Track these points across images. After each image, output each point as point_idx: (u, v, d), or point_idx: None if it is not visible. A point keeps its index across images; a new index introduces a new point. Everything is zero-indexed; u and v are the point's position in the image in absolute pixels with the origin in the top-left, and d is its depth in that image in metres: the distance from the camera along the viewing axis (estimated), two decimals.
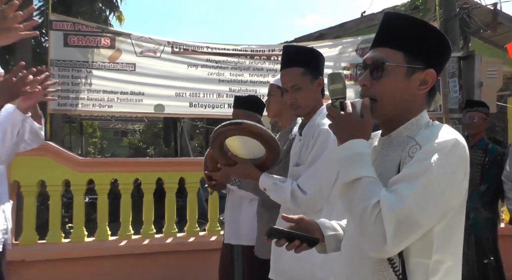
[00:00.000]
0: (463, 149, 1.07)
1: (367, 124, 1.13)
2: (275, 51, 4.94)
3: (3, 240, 2.36)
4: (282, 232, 1.24)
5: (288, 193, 1.83)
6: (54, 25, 4.44)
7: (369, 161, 1.10)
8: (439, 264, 1.07)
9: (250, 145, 1.97)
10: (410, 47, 1.15)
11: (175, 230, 4.06)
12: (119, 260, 3.83)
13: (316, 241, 1.28)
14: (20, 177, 3.71)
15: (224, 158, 2.00)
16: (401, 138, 1.17)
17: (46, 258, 3.67)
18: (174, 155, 10.88)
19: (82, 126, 18.16)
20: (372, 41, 1.23)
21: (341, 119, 1.13)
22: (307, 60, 1.98)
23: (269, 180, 1.91)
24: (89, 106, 4.41)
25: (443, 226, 1.07)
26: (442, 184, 1.02)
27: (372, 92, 1.16)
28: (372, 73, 1.17)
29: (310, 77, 1.94)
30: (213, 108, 4.52)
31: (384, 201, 1.01)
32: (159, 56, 4.56)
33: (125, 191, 4.01)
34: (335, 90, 1.17)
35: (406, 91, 1.15)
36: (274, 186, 1.88)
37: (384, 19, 1.21)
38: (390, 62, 1.15)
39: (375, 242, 1.01)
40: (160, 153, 19.80)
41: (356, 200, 1.06)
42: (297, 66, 1.96)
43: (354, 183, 1.07)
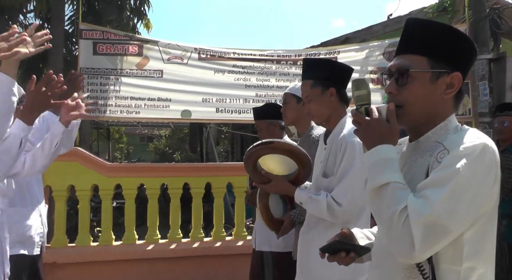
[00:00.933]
0: (493, 154, 1.06)
1: (393, 129, 1.13)
2: (301, 56, 4.92)
3: (40, 243, 2.44)
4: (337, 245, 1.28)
5: (325, 206, 1.88)
6: (83, 34, 4.56)
7: (397, 166, 1.10)
8: (471, 271, 1.06)
9: (282, 162, 2.07)
10: (433, 51, 1.15)
11: (202, 235, 4.09)
12: (146, 264, 3.88)
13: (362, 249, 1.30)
14: (51, 182, 3.81)
15: (259, 177, 2.08)
16: (430, 143, 1.16)
17: (76, 261, 3.75)
18: (200, 160, 10.97)
19: (109, 132, 18.55)
20: (396, 48, 1.23)
21: (367, 124, 1.14)
22: (315, 73, 2.04)
23: (305, 194, 1.97)
24: (117, 112, 4.49)
25: (474, 232, 1.06)
26: (471, 189, 1.01)
27: (399, 99, 1.17)
28: (398, 81, 1.17)
29: (321, 88, 2.00)
30: (239, 114, 4.53)
31: (412, 206, 1.01)
32: (186, 62, 4.61)
33: (152, 196, 4.06)
34: (360, 96, 1.18)
35: (432, 96, 1.15)
36: (310, 199, 1.94)
37: (406, 26, 1.21)
38: (414, 68, 1.15)
39: (403, 247, 1.02)
40: (186, 158, 20.01)
41: (384, 205, 1.06)
42: (308, 79, 2.05)
43: (382, 189, 1.07)
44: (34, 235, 2.40)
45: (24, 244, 2.35)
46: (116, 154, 25.03)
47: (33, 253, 2.40)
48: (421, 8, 8.22)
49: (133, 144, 29.87)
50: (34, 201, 2.46)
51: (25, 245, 2.35)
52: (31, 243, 2.38)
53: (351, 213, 1.88)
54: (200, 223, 4.12)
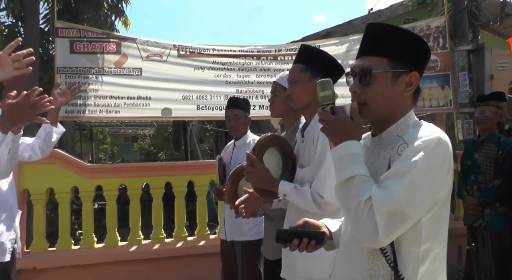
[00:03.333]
0: (446, 146, 1.17)
1: (357, 126, 1.22)
2: (281, 51, 4.89)
3: (11, 250, 2.36)
4: (290, 232, 1.33)
5: (310, 197, 1.84)
6: (60, 33, 4.44)
7: (361, 160, 1.19)
8: (428, 251, 1.17)
9: (274, 161, 2.03)
10: (393, 53, 1.25)
11: (186, 234, 4.04)
12: (129, 265, 3.81)
13: (323, 236, 1.34)
14: (29, 185, 3.72)
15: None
16: (391, 138, 1.26)
17: (57, 266, 3.67)
18: (185, 158, 10.89)
19: (92, 133, 18.29)
20: (358, 51, 1.33)
21: (333, 122, 1.21)
22: (309, 58, 2.02)
23: (289, 185, 1.92)
24: (97, 112, 4.40)
25: (431, 217, 1.16)
26: (428, 179, 1.12)
27: (362, 97, 1.26)
28: (361, 80, 1.26)
29: (309, 75, 1.97)
30: (220, 110, 4.47)
31: (375, 197, 1.11)
32: (165, 59, 4.54)
33: (133, 196, 4.00)
34: (326, 96, 1.25)
35: (393, 94, 1.25)
36: (295, 190, 1.89)
37: (367, 30, 1.32)
38: (376, 69, 1.24)
39: (368, 234, 1.11)
40: (171, 157, 19.89)
41: (351, 196, 1.15)
42: (299, 63, 2.03)
43: (348, 181, 1.16)
44: (5, 241, 2.33)
45: None
46: (100, 155, 24.73)
47: (4, 260, 2.32)
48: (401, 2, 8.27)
49: (118, 145, 29.53)
50: (6, 207, 2.38)
51: None
52: (2, 250, 2.31)
53: (336, 205, 1.82)
54: (183, 222, 4.07)
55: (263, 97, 4.68)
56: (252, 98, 4.58)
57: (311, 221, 1.41)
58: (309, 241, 1.31)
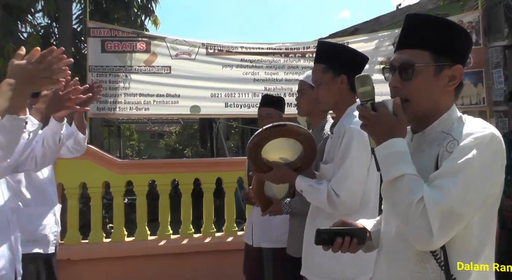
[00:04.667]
0: (500, 142, 1.12)
1: (402, 123, 1.17)
2: (309, 48, 4.88)
3: (55, 242, 2.47)
4: (331, 231, 1.28)
5: (325, 196, 1.82)
6: (92, 32, 4.56)
7: (409, 158, 1.14)
8: (480, 252, 1.13)
9: (287, 149, 1.98)
10: (436, 45, 1.20)
11: (214, 230, 4.09)
12: (158, 259, 3.89)
13: (365, 234, 1.30)
14: (63, 180, 3.83)
15: (260, 165, 2.00)
16: (435, 134, 1.21)
17: (89, 257, 3.77)
18: (211, 155, 10.99)
19: (119, 129, 18.66)
20: (397, 44, 1.28)
21: (376, 119, 1.17)
22: (329, 57, 1.98)
23: (305, 182, 1.91)
24: (127, 110, 4.50)
25: (482, 216, 1.13)
26: (482, 177, 1.08)
27: (404, 93, 1.21)
28: (402, 75, 1.21)
29: (332, 73, 1.93)
30: (248, 108, 4.51)
31: (428, 197, 1.06)
32: (194, 58, 4.60)
33: (163, 192, 4.07)
34: (365, 92, 1.21)
35: (436, 88, 1.21)
36: (310, 188, 1.88)
37: (406, 21, 1.27)
38: (418, 63, 1.19)
39: (421, 236, 1.07)
40: (196, 154, 20.07)
41: (401, 197, 1.10)
42: (320, 63, 1.98)
43: (396, 181, 1.11)
44: (49, 234, 2.43)
45: (39, 243, 2.38)
46: (127, 151, 25.20)
47: (48, 251, 2.43)
48: None
49: (144, 141, 30.02)
50: (49, 201, 2.48)
51: (40, 244, 2.39)
52: (46, 242, 2.42)
53: (351, 205, 1.81)
54: (211, 218, 4.13)
55: (291, 95, 4.67)
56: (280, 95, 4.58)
57: (350, 222, 1.38)
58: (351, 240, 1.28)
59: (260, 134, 1.96)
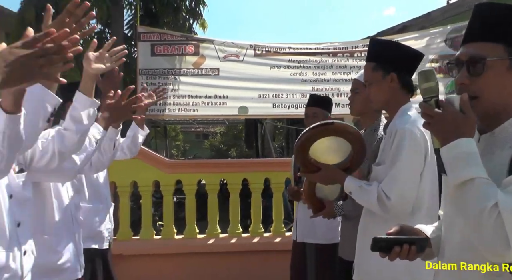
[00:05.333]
0: None
1: (471, 121, 1.08)
2: (358, 48, 4.80)
3: (109, 238, 2.57)
4: (389, 240, 1.20)
5: (375, 198, 1.78)
6: (142, 37, 4.72)
7: (479, 160, 1.04)
8: None
9: (336, 148, 1.95)
10: (510, 37, 1.11)
11: (262, 230, 4.12)
12: (207, 257, 3.96)
13: (425, 242, 1.23)
14: (116, 178, 3.97)
15: (308, 165, 1.98)
16: (507, 135, 1.12)
17: (140, 253, 3.90)
18: (256, 156, 11.04)
19: (166, 130, 19.14)
20: (464, 36, 1.19)
21: (441, 117, 1.08)
22: (378, 55, 1.93)
23: (355, 183, 1.88)
24: (176, 111, 4.63)
25: None
26: None
27: (472, 89, 1.13)
28: (470, 70, 1.13)
29: (382, 72, 1.88)
30: (296, 108, 4.50)
31: (504, 204, 0.97)
32: (242, 59, 4.65)
33: (211, 191, 4.14)
34: (429, 88, 1.13)
35: (509, 85, 1.12)
36: (360, 189, 1.85)
37: (475, 12, 1.17)
38: (490, 57, 1.11)
39: (496, 246, 0.98)
40: (241, 154, 20.24)
41: (471, 202, 1.02)
42: (371, 61, 1.94)
43: (466, 184, 1.03)
44: (104, 231, 2.54)
45: (95, 239, 2.50)
46: (173, 151, 25.80)
47: (103, 247, 2.54)
48: None
49: (189, 141, 30.62)
50: (103, 199, 2.60)
51: (96, 240, 2.50)
52: (101, 238, 2.53)
53: (402, 208, 1.75)
54: (259, 218, 4.15)
55: (339, 95, 4.62)
56: (328, 96, 4.54)
57: (407, 227, 1.30)
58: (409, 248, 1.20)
59: (307, 132, 1.94)
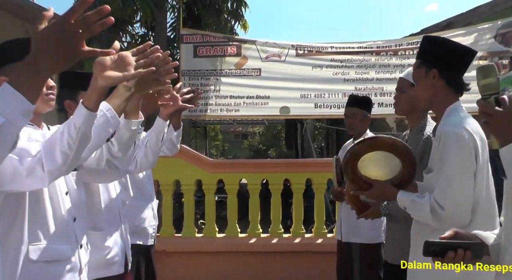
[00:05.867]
0: None
1: None
2: (402, 46, 4.69)
3: (153, 235, 2.65)
4: (442, 244, 1.15)
5: (428, 210, 1.69)
6: (185, 39, 4.83)
7: None
8: None
9: (384, 163, 1.91)
10: None
11: (303, 231, 4.10)
12: (248, 256, 3.99)
13: (481, 248, 1.17)
14: (159, 177, 4.06)
15: (358, 182, 1.95)
16: None
17: (182, 250, 3.98)
18: (295, 156, 11.00)
19: (206, 130, 19.43)
20: None
21: (502, 116, 1.02)
22: (422, 51, 1.89)
23: (407, 198, 1.81)
24: (217, 111, 4.70)
25: None
26: None
27: None
28: None
29: (425, 68, 1.82)
30: (338, 108, 4.45)
31: None
32: (284, 59, 4.66)
33: (253, 191, 4.16)
34: (488, 84, 1.07)
35: None
36: (412, 203, 1.78)
37: None
38: None
39: None
40: (280, 154, 20.25)
41: None
42: (418, 58, 1.90)
43: None
44: (148, 227, 2.62)
45: (140, 235, 2.56)
46: (212, 151, 26.16)
47: (147, 243, 2.61)
48: None
49: (228, 141, 30.95)
50: (148, 197, 2.67)
51: (141, 236, 2.57)
52: (145, 234, 2.60)
53: (459, 217, 1.65)
54: (301, 219, 4.14)
55: (382, 95, 4.53)
56: (371, 95, 4.43)
57: (462, 232, 1.24)
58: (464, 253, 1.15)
59: (352, 149, 1.93)
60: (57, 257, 1.47)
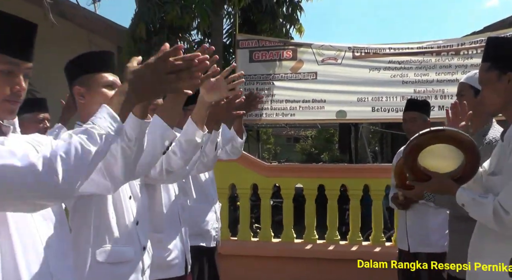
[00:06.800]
0: None
1: None
2: (464, 45, 4.45)
3: (216, 237, 2.69)
4: None
5: (490, 211, 1.60)
6: (240, 44, 4.89)
7: None
8: None
9: (446, 155, 1.83)
10: None
11: (360, 238, 4.01)
12: (303, 262, 3.95)
13: None
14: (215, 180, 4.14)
15: (416, 173, 1.87)
16: None
17: (238, 253, 4.01)
18: (349, 161, 10.78)
19: (258, 133, 19.55)
20: None
21: None
22: (494, 52, 1.77)
23: (468, 195, 1.72)
24: (273, 115, 4.71)
25: None
26: None
27: None
28: None
29: (497, 72, 1.70)
30: (396, 112, 4.30)
31: None
32: (340, 62, 4.59)
33: (309, 196, 4.13)
34: None
35: None
36: (473, 202, 1.69)
37: None
38: None
39: None
40: (332, 158, 19.96)
41: None
42: (485, 61, 1.78)
43: None
44: (211, 230, 2.66)
45: (203, 237, 2.61)
46: (264, 155, 26.27)
47: (210, 245, 2.65)
48: None
49: (280, 145, 30.92)
50: (210, 199, 2.72)
51: (204, 238, 2.62)
52: (208, 237, 2.65)
53: None
54: (358, 226, 4.04)
55: (443, 97, 4.33)
56: (431, 98, 4.27)
57: None
58: None
59: (417, 139, 1.83)
60: (121, 259, 1.54)
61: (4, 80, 1.06)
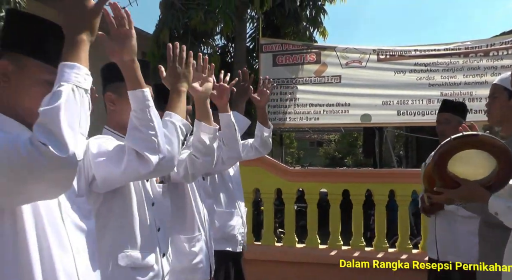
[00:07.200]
0: None
1: None
2: (494, 46, 4.33)
3: (242, 242, 2.68)
4: None
5: None
6: (264, 48, 4.90)
7: None
8: None
9: (476, 164, 1.76)
10: None
11: (386, 245, 3.92)
12: (328, 269, 3.88)
13: None
14: None
15: (445, 180, 1.80)
16: None
17: (261, 258, 3.98)
18: (373, 165, 10.62)
19: (281, 137, 19.49)
20: None
21: None
22: None
23: (502, 203, 1.66)
24: (297, 120, 4.69)
25: None
26: None
27: None
28: None
29: None
30: (423, 115, 4.22)
31: None
32: (365, 65, 4.54)
33: (334, 201, 4.07)
34: None
35: None
36: (508, 210, 1.63)
37: None
38: None
39: None
40: (356, 162, 19.73)
41: None
42: None
43: None
44: (237, 234, 2.65)
45: (229, 242, 2.61)
46: (287, 159, 26.18)
47: (236, 250, 2.65)
48: None
49: (303, 149, 30.71)
50: (235, 204, 2.71)
51: (230, 242, 2.62)
52: (234, 241, 2.64)
53: None
54: (383, 232, 3.95)
55: (471, 100, 4.22)
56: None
57: None
58: None
59: (448, 144, 1.77)
60: (141, 264, 1.55)
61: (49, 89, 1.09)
